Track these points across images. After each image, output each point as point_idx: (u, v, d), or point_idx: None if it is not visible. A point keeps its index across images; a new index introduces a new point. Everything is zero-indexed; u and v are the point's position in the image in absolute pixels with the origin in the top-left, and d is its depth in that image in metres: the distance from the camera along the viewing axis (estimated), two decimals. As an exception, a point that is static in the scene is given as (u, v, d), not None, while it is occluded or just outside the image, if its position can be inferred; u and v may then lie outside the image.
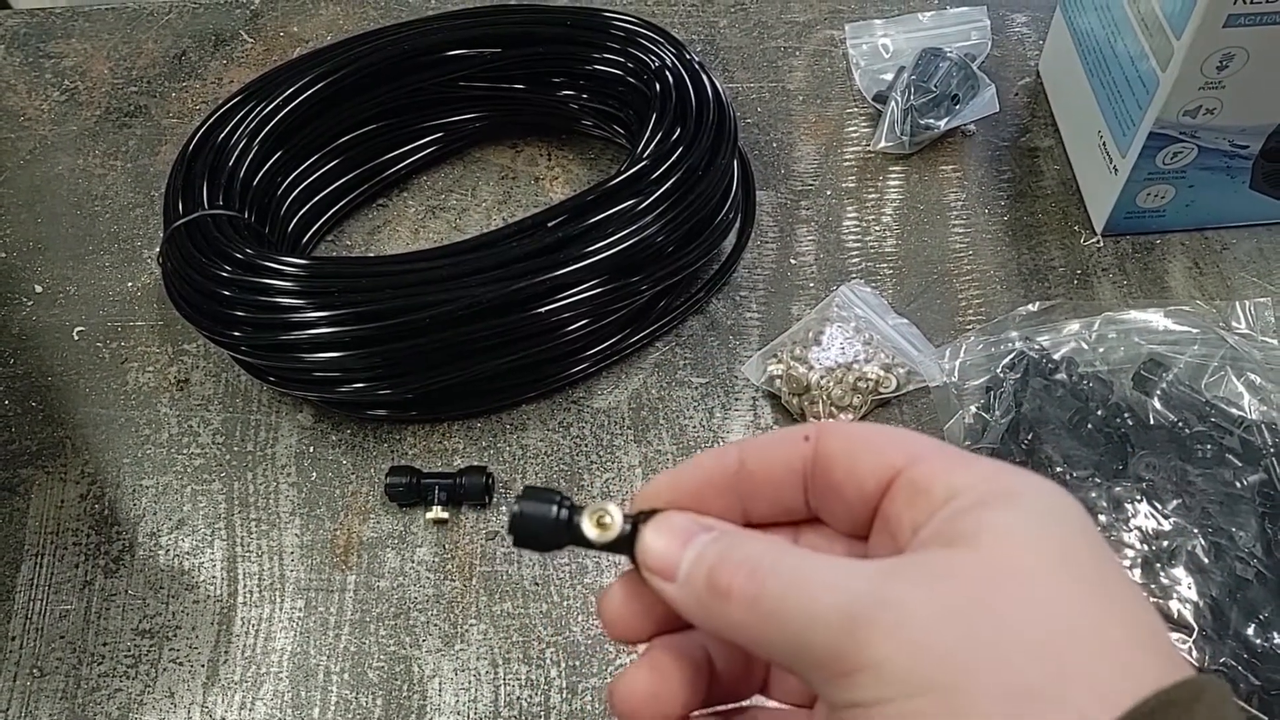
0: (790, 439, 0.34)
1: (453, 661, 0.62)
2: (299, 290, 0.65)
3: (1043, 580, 0.28)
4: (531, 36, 0.75)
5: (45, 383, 0.72)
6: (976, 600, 0.28)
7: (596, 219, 0.66)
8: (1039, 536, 0.29)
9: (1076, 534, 0.30)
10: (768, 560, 0.31)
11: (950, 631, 0.28)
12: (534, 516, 0.35)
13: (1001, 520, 0.29)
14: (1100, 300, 0.73)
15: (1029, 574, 0.28)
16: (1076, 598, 0.28)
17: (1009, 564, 0.29)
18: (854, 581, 0.29)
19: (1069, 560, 0.29)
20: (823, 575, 0.30)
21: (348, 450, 0.69)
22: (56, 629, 0.64)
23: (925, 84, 0.78)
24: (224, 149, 0.71)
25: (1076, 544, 0.29)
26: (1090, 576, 0.29)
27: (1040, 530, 0.29)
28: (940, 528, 0.30)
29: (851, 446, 0.33)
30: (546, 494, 0.35)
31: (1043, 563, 0.29)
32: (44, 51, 0.89)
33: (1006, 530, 0.29)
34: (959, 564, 0.29)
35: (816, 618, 0.29)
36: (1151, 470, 0.61)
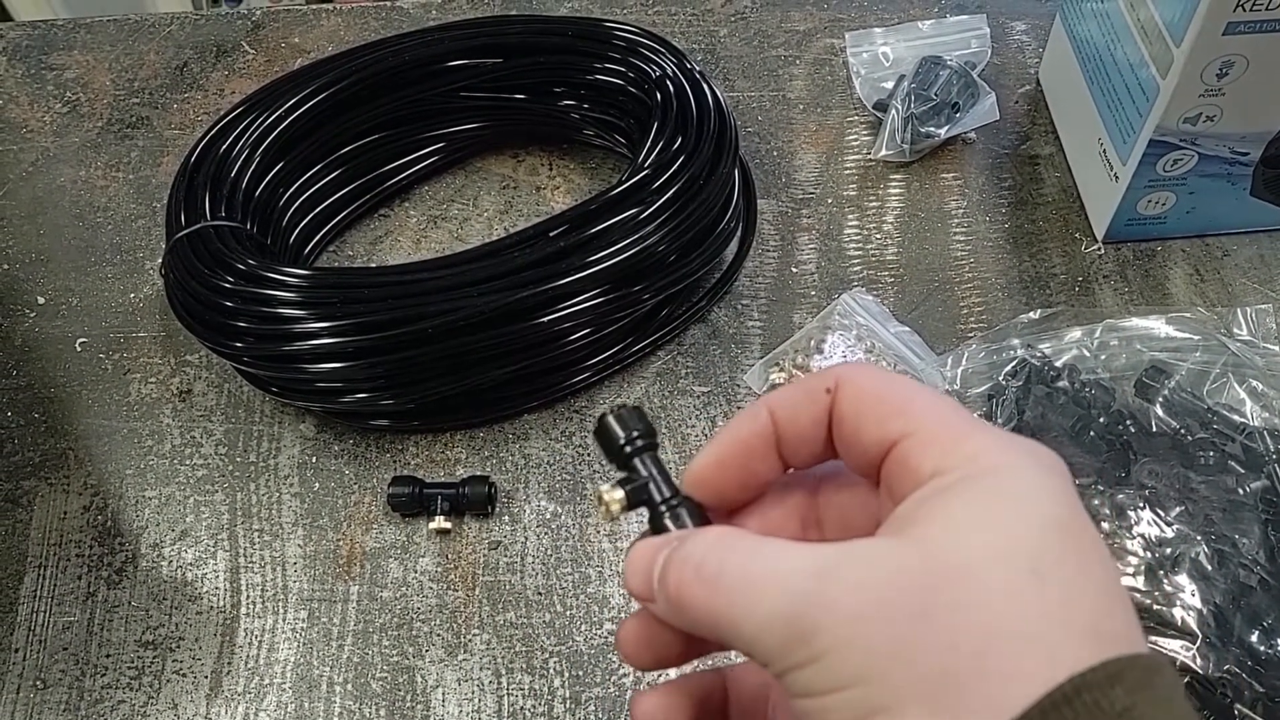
0: (814, 393, 0.35)
1: (456, 672, 0.62)
2: (301, 301, 0.65)
3: (977, 575, 0.30)
4: (533, 46, 0.76)
5: (48, 394, 0.72)
6: (914, 597, 0.29)
7: (598, 228, 0.66)
8: (989, 528, 0.30)
9: (1035, 520, 0.30)
10: (715, 555, 0.32)
11: (885, 625, 0.29)
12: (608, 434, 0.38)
13: (958, 511, 0.31)
14: (1102, 307, 0.73)
15: (964, 569, 0.30)
16: (1009, 591, 0.29)
17: (948, 559, 0.30)
18: (796, 580, 0.31)
19: (1013, 552, 0.30)
20: (769, 568, 0.31)
21: (350, 460, 0.69)
22: (59, 640, 0.64)
23: (925, 92, 0.78)
24: (226, 160, 0.71)
25: (1029, 532, 0.30)
26: (1032, 567, 0.30)
27: (993, 520, 0.30)
28: (905, 510, 0.32)
29: (860, 409, 0.34)
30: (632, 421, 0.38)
31: (981, 557, 0.30)
32: (46, 63, 0.90)
33: (958, 522, 0.30)
34: (901, 558, 0.30)
35: (762, 616, 0.31)
36: (1154, 477, 0.61)
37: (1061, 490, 0.32)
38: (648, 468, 0.38)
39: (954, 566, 0.30)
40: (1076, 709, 0.27)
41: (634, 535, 0.64)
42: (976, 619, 0.29)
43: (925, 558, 0.30)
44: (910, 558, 0.30)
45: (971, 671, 0.29)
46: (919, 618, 0.29)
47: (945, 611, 0.29)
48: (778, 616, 0.31)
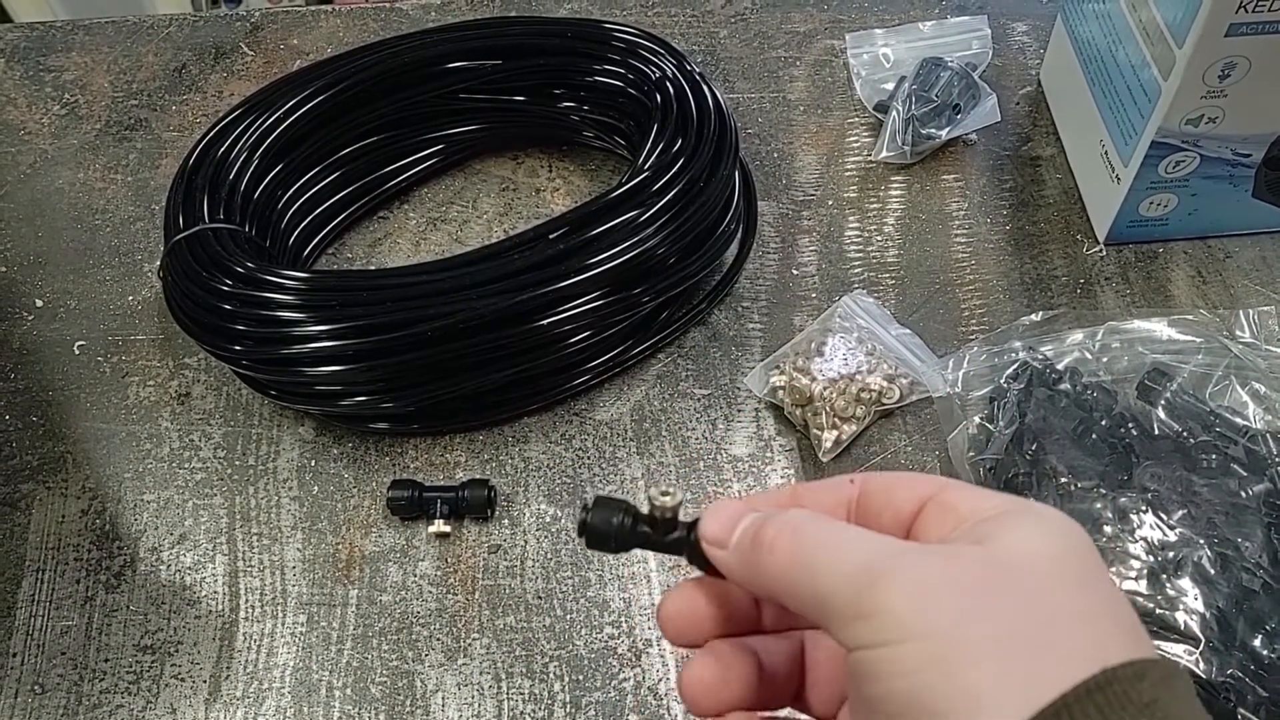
0: (839, 483, 0.40)
1: (455, 676, 0.62)
2: (300, 304, 0.64)
3: (1040, 571, 0.33)
4: (532, 48, 0.75)
5: (46, 397, 0.72)
6: (979, 576, 0.33)
7: (598, 231, 0.66)
8: (1042, 542, 0.34)
9: (1075, 545, 0.35)
10: (809, 523, 0.36)
11: (950, 592, 0.33)
12: (600, 526, 0.40)
13: (1012, 528, 0.34)
14: (1103, 309, 0.73)
15: (1029, 565, 0.33)
16: (1066, 588, 0.33)
17: (1013, 557, 0.34)
18: (877, 544, 0.35)
19: (1065, 561, 0.34)
20: (852, 538, 0.35)
21: (349, 464, 0.69)
22: (58, 645, 0.63)
23: (926, 94, 0.78)
24: (224, 162, 0.71)
25: (1073, 552, 0.34)
26: (1081, 576, 0.34)
27: (1044, 538, 0.34)
28: (963, 533, 0.35)
29: (890, 482, 0.39)
30: (612, 504, 0.40)
31: (1042, 560, 0.34)
32: (44, 65, 0.89)
33: (1015, 535, 0.34)
34: (970, 551, 0.34)
35: (842, 568, 0.34)
36: (1157, 481, 0.61)
37: (1084, 533, 0.35)
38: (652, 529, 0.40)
39: (1013, 564, 0.33)
40: (1109, 696, 0.31)
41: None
42: (1038, 602, 0.33)
43: (987, 556, 0.34)
44: (974, 554, 0.34)
45: (1038, 637, 0.32)
46: (984, 592, 0.33)
47: (1009, 593, 0.33)
48: (854, 566, 0.34)
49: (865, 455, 0.68)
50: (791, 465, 0.68)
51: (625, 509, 0.40)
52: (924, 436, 0.68)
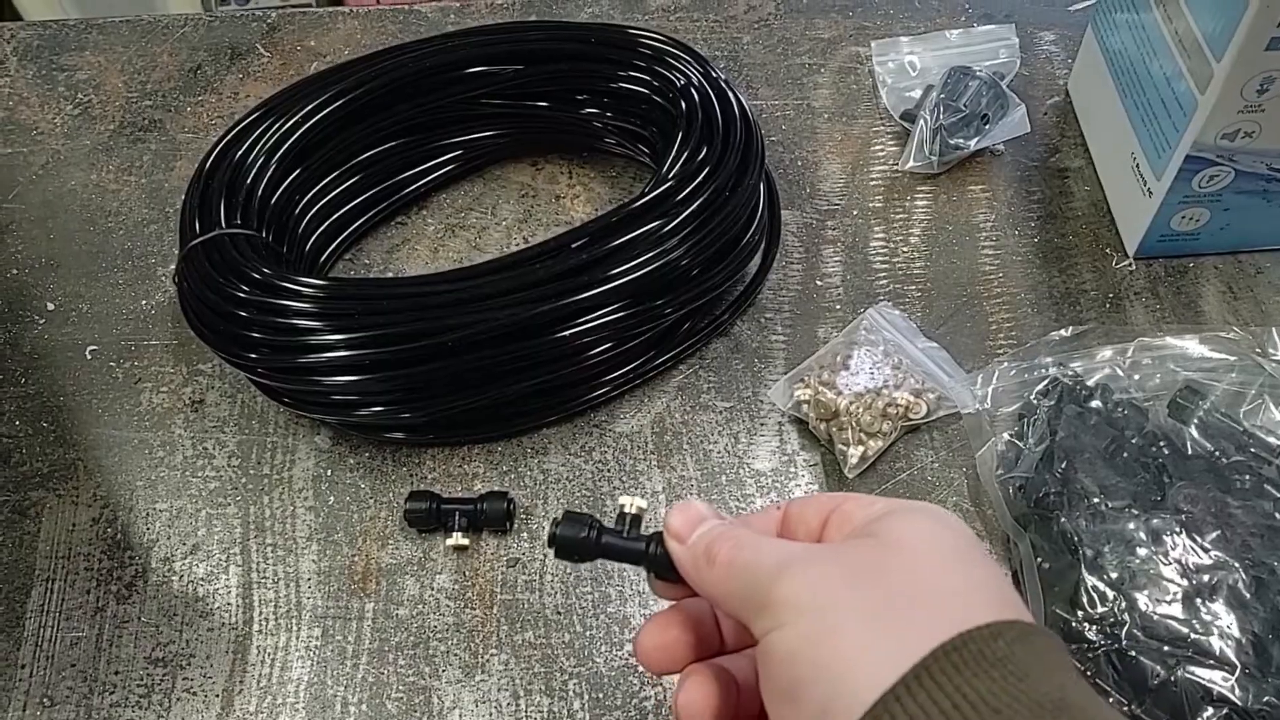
0: (770, 511, 0.46)
1: (473, 693, 0.61)
2: (318, 312, 0.63)
3: (916, 554, 0.39)
4: (555, 53, 0.74)
5: (57, 403, 0.71)
6: (859, 563, 0.39)
7: (620, 241, 0.65)
8: (919, 530, 0.40)
9: (950, 531, 0.40)
10: (746, 539, 0.42)
11: (830, 578, 0.38)
12: (567, 537, 0.46)
13: (894, 522, 0.40)
14: (1133, 325, 0.72)
15: (906, 550, 0.39)
16: (938, 566, 0.39)
17: (891, 545, 0.39)
18: (784, 549, 0.41)
19: (939, 545, 0.40)
20: (766, 545, 0.41)
21: (366, 474, 0.68)
22: (67, 657, 0.62)
23: (954, 103, 0.77)
24: (241, 166, 0.70)
25: (949, 537, 0.40)
26: (954, 556, 0.39)
27: (921, 527, 0.40)
28: (855, 532, 0.42)
29: (803, 503, 0.45)
30: (579, 518, 0.46)
31: (918, 545, 0.39)
32: (57, 64, 0.88)
33: (896, 527, 0.40)
34: (856, 544, 0.40)
35: (757, 570, 0.40)
36: (1190, 502, 0.60)
37: (962, 523, 0.42)
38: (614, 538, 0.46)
39: (891, 550, 0.39)
40: (964, 655, 0.35)
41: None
42: (911, 580, 0.38)
43: (870, 546, 0.40)
44: (859, 545, 0.40)
45: (906, 608, 0.37)
46: (861, 575, 0.38)
47: (884, 574, 0.38)
48: (769, 567, 0.40)
49: (891, 471, 0.67)
50: (815, 481, 0.67)
51: (591, 523, 0.46)
52: (951, 453, 0.67)
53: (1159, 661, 0.55)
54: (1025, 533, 0.62)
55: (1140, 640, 0.56)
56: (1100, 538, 0.59)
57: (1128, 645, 0.56)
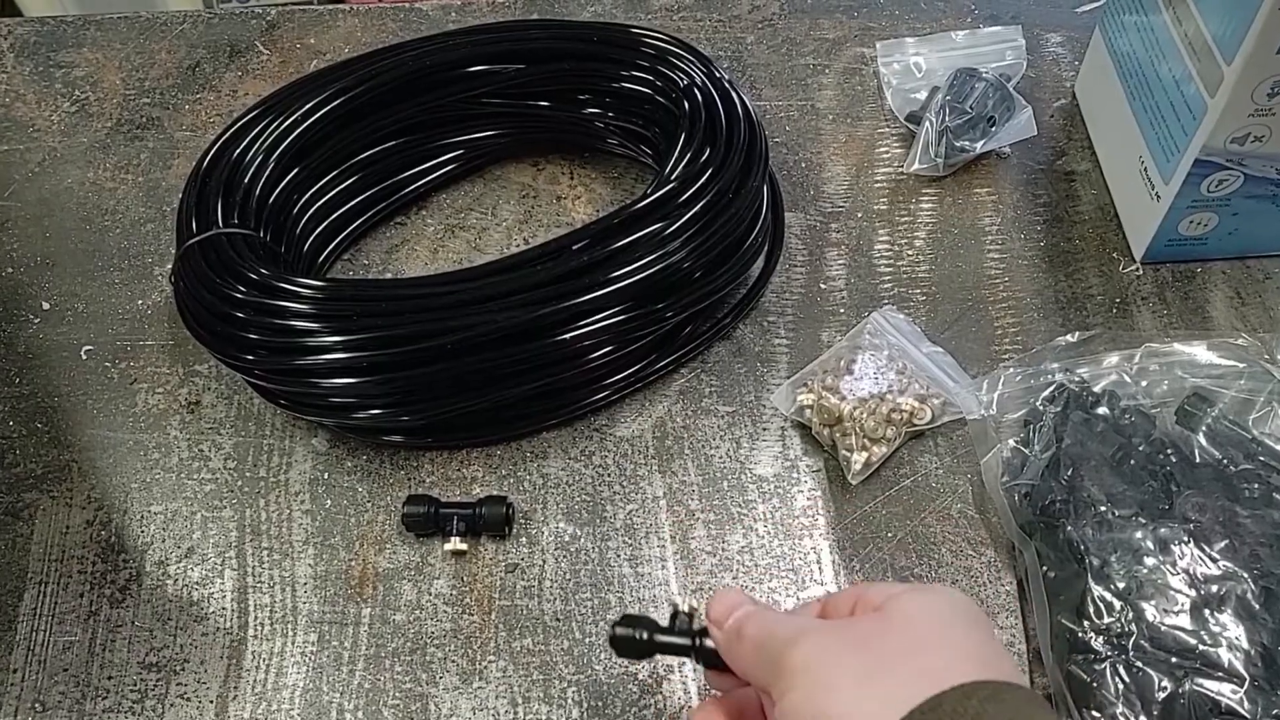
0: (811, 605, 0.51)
1: (471, 700, 0.60)
2: (316, 313, 0.63)
3: (915, 624, 0.44)
4: (557, 52, 0.74)
5: (51, 403, 0.70)
6: (863, 632, 0.44)
7: (622, 243, 0.64)
8: (923, 603, 0.45)
9: (953, 605, 0.45)
10: (771, 617, 0.48)
11: (833, 645, 0.44)
12: (625, 639, 0.52)
13: (904, 598, 0.45)
14: (1140, 330, 0.71)
15: (907, 621, 0.44)
16: (935, 635, 0.44)
17: (895, 616, 0.45)
18: (800, 623, 0.46)
19: (939, 616, 0.44)
20: (791, 622, 0.47)
21: (363, 477, 0.67)
22: (60, 661, 0.61)
23: (960, 105, 0.76)
24: (239, 165, 0.69)
25: (950, 610, 0.45)
26: (951, 625, 0.44)
27: (926, 601, 0.45)
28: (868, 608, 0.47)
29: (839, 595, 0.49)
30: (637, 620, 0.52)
31: (919, 616, 0.44)
32: (54, 60, 0.87)
33: (904, 601, 0.45)
34: (864, 618, 0.46)
35: (776, 641, 0.45)
36: (1199, 511, 0.59)
37: (969, 601, 0.47)
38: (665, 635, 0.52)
39: (894, 621, 0.44)
40: (939, 714, 0.39)
41: (653, 560, 0.63)
42: (908, 642, 0.43)
43: (875, 618, 0.45)
44: (866, 619, 0.46)
45: (895, 669, 0.42)
46: (861, 642, 0.44)
47: (888, 637, 0.44)
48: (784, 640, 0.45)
49: (895, 478, 0.66)
50: (818, 487, 0.66)
51: (646, 623, 0.52)
52: (955, 459, 0.66)
53: (1167, 673, 0.54)
54: (1030, 541, 0.61)
55: (1148, 651, 0.55)
56: (1107, 546, 0.58)
57: (1135, 656, 0.55)
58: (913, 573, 0.63)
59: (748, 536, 0.64)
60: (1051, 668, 0.58)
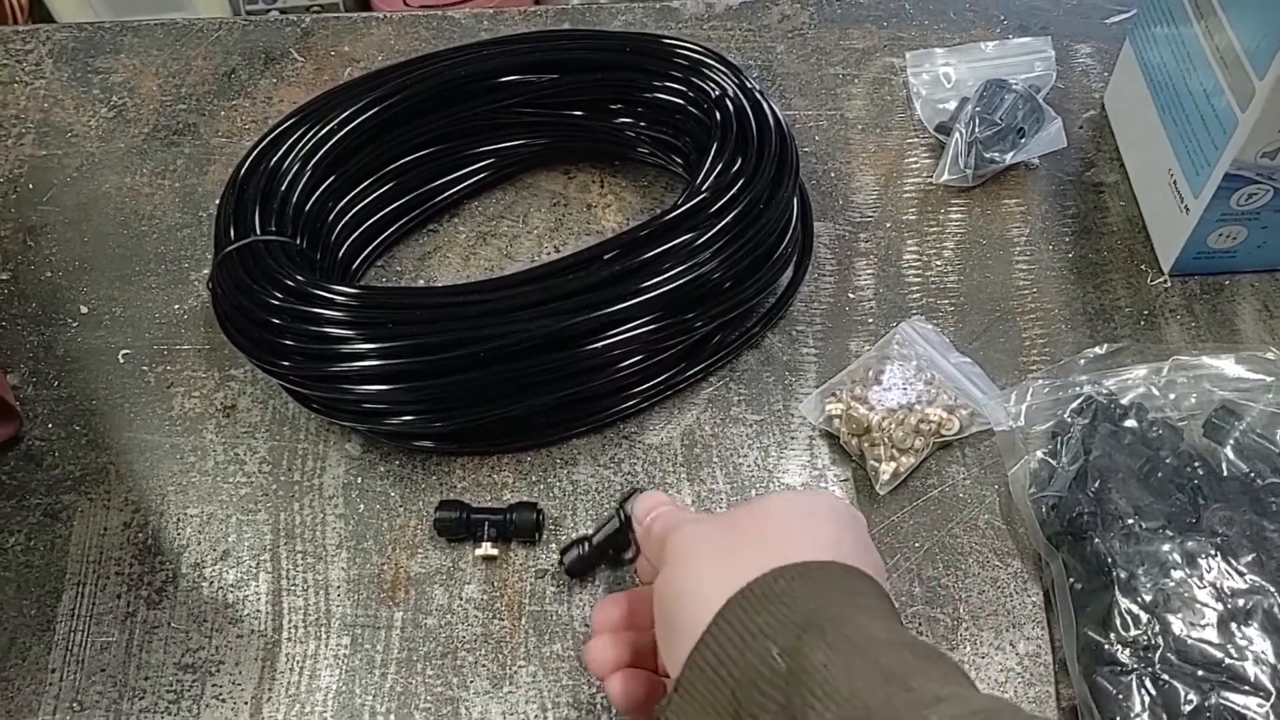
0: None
1: (501, 704, 0.61)
2: (350, 320, 0.63)
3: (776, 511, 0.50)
4: (590, 63, 0.74)
5: (89, 406, 0.71)
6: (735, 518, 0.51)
7: (653, 253, 0.65)
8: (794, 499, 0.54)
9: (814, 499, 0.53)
10: (672, 514, 0.55)
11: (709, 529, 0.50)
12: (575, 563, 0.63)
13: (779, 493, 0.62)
14: (1167, 343, 0.71)
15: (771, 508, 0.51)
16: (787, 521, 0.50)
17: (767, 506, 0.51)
18: (690, 516, 0.55)
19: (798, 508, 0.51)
20: (681, 515, 0.55)
21: (396, 482, 0.68)
22: (97, 661, 0.62)
23: (990, 116, 0.76)
24: (276, 172, 0.70)
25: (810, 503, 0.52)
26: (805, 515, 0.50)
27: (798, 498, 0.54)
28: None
29: None
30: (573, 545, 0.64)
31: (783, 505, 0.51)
32: (92, 66, 0.88)
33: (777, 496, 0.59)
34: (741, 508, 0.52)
35: (665, 532, 0.52)
36: (1226, 524, 0.59)
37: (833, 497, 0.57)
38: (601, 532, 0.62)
39: (764, 507, 0.51)
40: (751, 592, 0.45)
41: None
42: (764, 528, 0.49)
43: (743, 509, 0.52)
44: (737, 510, 0.52)
45: (746, 550, 0.47)
46: (734, 524, 0.50)
47: (750, 523, 0.50)
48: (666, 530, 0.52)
49: (923, 488, 0.66)
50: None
51: (580, 539, 0.63)
52: (983, 470, 0.67)
53: (1193, 686, 0.55)
54: (1058, 553, 0.61)
55: (1174, 664, 0.55)
56: (1134, 559, 0.58)
57: (1161, 669, 0.55)
58: (940, 582, 0.63)
59: (776, 545, 0.65)
60: (1077, 679, 0.58)
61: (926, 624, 0.62)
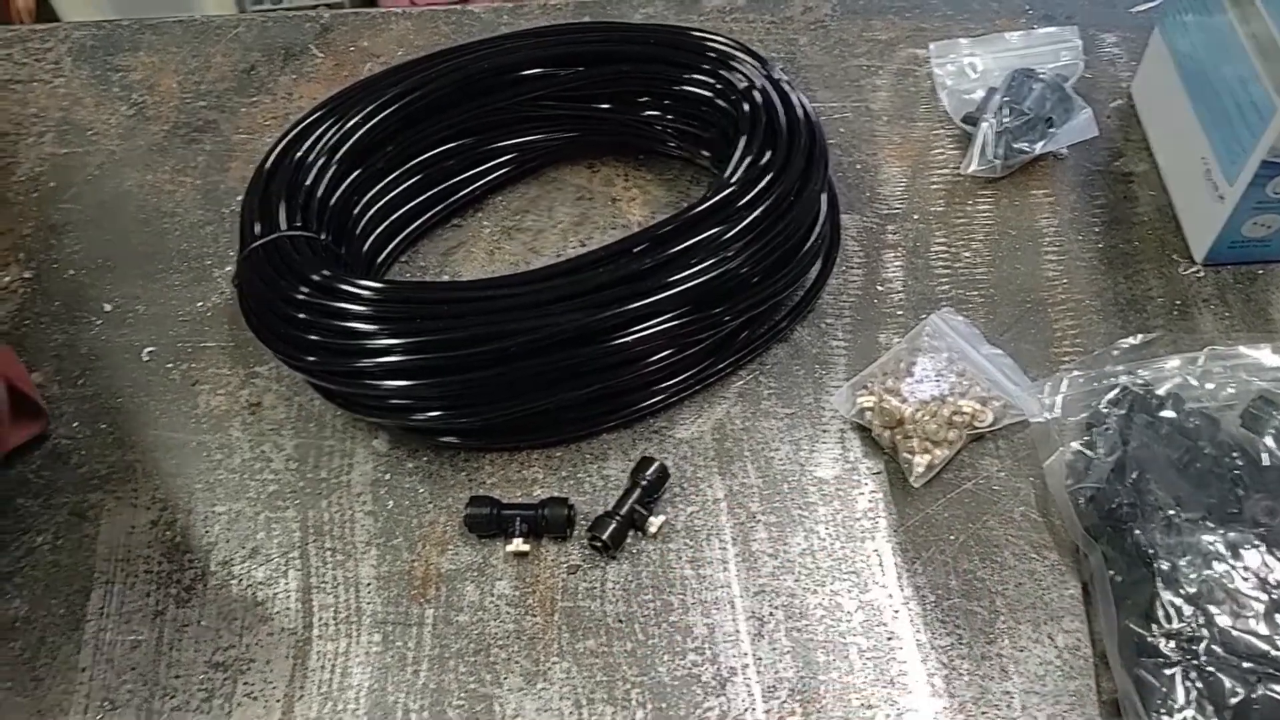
0: None
1: (535, 701, 0.60)
2: (376, 315, 0.63)
3: None
4: (616, 55, 0.74)
5: (114, 404, 0.71)
6: None
7: (682, 247, 0.64)
8: None
9: None
10: None
11: None
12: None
13: None
14: (1201, 333, 0.71)
15: None
16: None
17: None
18: None
19: None
20: None
21: (424, 479, 0.67)
22: (128, 660, 0.62)
23: (1018, 106, 0.76)
24: (301, 167, 0.70)
25: None
26: None
27: None
28: None
29: None
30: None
31: None
32: (111, 64, 0.88)
33: None
34: None
35: None
36: (1269, 515, 0.58)
37: None
38: None
39: None
40: None
41: (714, 563, 0.63)
42: None
43: None
44: None
45: None
46: None
47: None
48: None
49: (957, 480, 0.66)
50: (879, 489, 0.66)
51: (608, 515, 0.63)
52: (1017, 462, 0.66)
53: (1239, 679, 0.54)
54: (1097, 545, 0.61)
55: (1220, 656, 0.55)
56: (1175, 551, 0.58)
57: (1206, 661, 0.55)
58: (976, 575, 0.63)
59: (809, 539, 0.64)
60: (1119, 672, 0.57)
61: (964, 617, 0.61)
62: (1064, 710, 0.58)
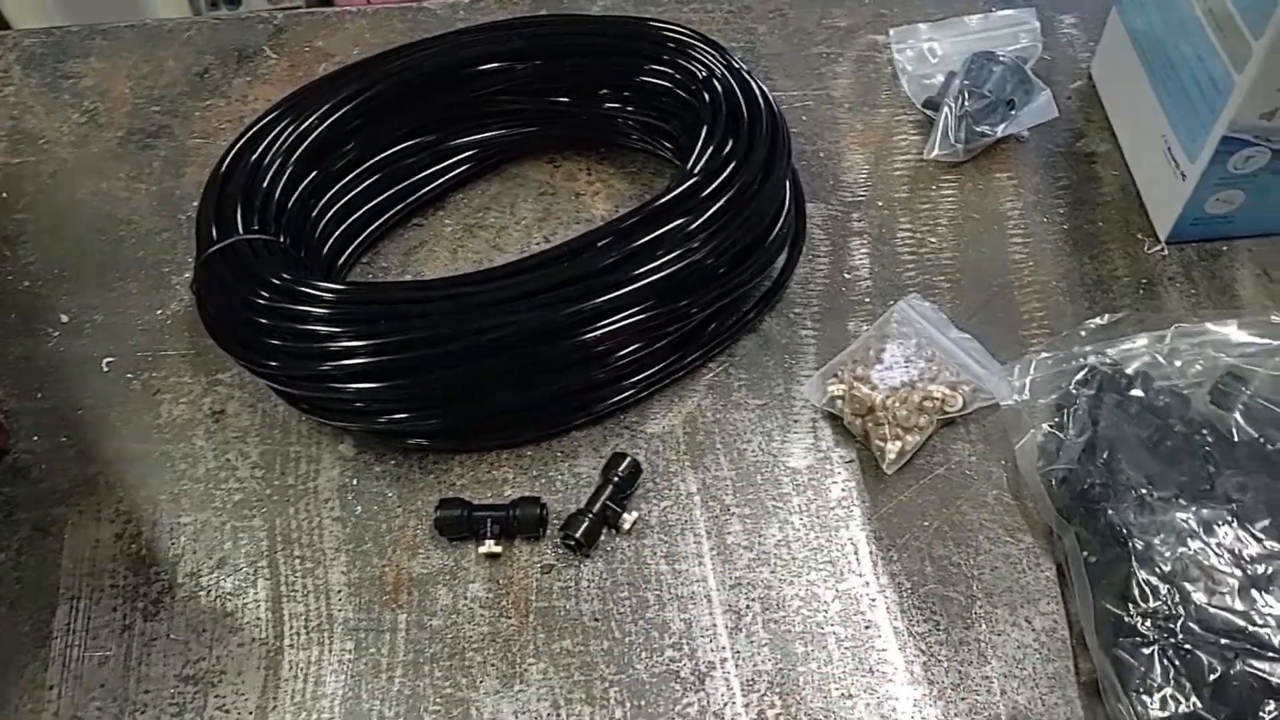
0: None
1: (512, 703, 0.59)
2: (339, 317, 0.62)
3: None
4: (573, 48, 0.73)
5: (75, 417, 0.70)
6: None
7: (646, 240, 0.64)
8: None
9: None
10: None
11: None
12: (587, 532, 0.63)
13: None
14: (1167, 311, 0.71)
15: None
16: None
17: None
18: None
19: None
20: None
21: (393, 482, 0.66)
22: (96, 677, 0.61)
23: (979, 89, 0.76)
24: (257, 170, 0.69)
25: None
26: None
27: None
28: None
29: None
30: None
31: None
32: (62, 71, 0.87)
33: None
34: None
35: None
36: (1241, 490, 0.58)
37: None
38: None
39: None
40: None
41: (690, 557, 0.62)
42: None
43: None
44: None
45: None
46: None
47: None
48: None
49: (929, 466, 0.65)
50: (852, 478, 0.65)
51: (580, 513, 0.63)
52: (989, 445, 0.66)
53: (1216, 655, 0.54)
54: (1070, 525, 0.61)
55: (1196, 634, 0.55)
56: (1149, 529, 0.58)
57: (1183, 639, 0.55)
58: (951, 561, 0.62)
59: (784, 530, 0.64)
60: (1097, 653, 0.57)
61: (940, 603, 0.61)
62: (1043, 693, 0.58)
